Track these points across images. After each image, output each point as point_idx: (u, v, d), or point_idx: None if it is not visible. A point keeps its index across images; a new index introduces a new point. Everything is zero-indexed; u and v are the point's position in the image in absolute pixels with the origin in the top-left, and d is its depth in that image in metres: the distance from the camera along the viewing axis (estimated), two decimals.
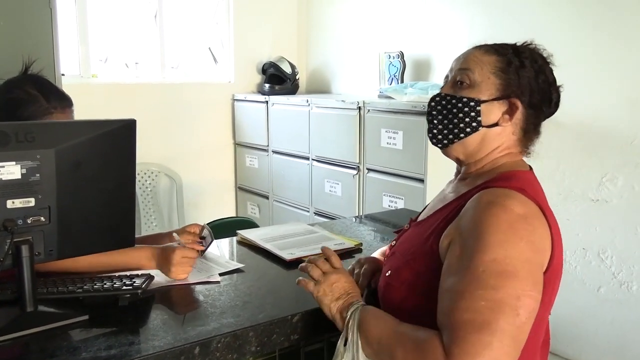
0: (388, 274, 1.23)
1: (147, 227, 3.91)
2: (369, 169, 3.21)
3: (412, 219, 1.34)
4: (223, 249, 1.81)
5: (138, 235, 1.56)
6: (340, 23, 4.11)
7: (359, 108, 3.20)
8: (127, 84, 3.85)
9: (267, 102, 3.95)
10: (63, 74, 2.66)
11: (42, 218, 1.20)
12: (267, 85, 4.10)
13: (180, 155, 4.05)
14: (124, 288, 1.31)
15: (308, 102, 3.61)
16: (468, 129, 1.19)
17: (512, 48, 1.22)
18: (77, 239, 1.27)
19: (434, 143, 1.26)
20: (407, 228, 1.33)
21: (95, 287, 1.31)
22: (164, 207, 4.05)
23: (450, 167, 1.35)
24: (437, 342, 0.98)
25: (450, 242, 1.09)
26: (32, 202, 1.18)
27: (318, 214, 3.60)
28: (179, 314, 1.29)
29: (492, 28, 3.08)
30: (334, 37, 4.18)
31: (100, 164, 1.28)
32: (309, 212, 3.67)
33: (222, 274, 1.52)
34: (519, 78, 1.18)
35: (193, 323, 1.23)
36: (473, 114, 1.19)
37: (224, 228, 2.32)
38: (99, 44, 3.80)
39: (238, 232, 1.89)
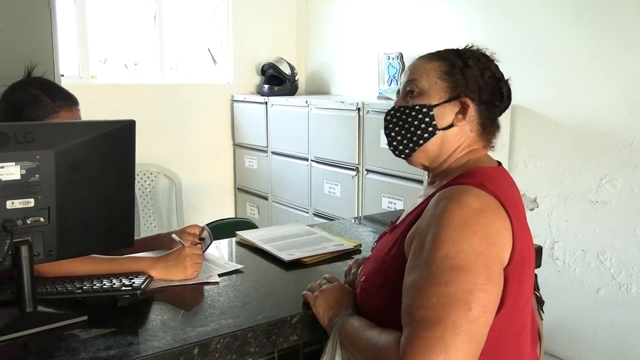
0: (362, 279, 1.25)
1: (146, 227, 3.91)
2: (368, 170, 3.21)
3: (392, 222, 1.35)
4: (222, 250, 1.81)
5: (137, 237, 1.56)
6: (340, 24, 4.11)
7: (358, 109, 3.20)
8: (126, 85, 3.85)
9: (266, 103, 3.95)
10: (62, 75, 2.67)
11: (41, 219, 1.20)
12: (266, 86, 4.10)
13: (180, 156, 4.05)
14: (123, 289, 1.32)
15: (307, 103, 3.62)
16: (425, 135, 1.22)
17: (454, 52, 1.26)
18: (76, 240, 1.27)
19: (397, 155, 1.29)
20: (387, 232, 1.35)
21: (95, 287, 1.32)
22: (163, 208, 4.04)
23: None
24: (394, 346, 1.00)
25: (412, 242, 1.11)
26: (31, 202, 1.18)
27: (317, 215, 3.60)
28: (178, 315, 1.29)
29: (491, 29, 3.08)
30: (333, 38, 4.18)
31: (100, 165, 1.28)
32: (308, 213, 3.67)
33: (221, 275, 1.52)
34: (465, 77, 1.21)
35: (192, 324, 1.23)
36: (427, 120, 1.21)
37: (223, 229, 2.32)
38: (99, 45, 3.80)
39: (237, 233, 1.89)
